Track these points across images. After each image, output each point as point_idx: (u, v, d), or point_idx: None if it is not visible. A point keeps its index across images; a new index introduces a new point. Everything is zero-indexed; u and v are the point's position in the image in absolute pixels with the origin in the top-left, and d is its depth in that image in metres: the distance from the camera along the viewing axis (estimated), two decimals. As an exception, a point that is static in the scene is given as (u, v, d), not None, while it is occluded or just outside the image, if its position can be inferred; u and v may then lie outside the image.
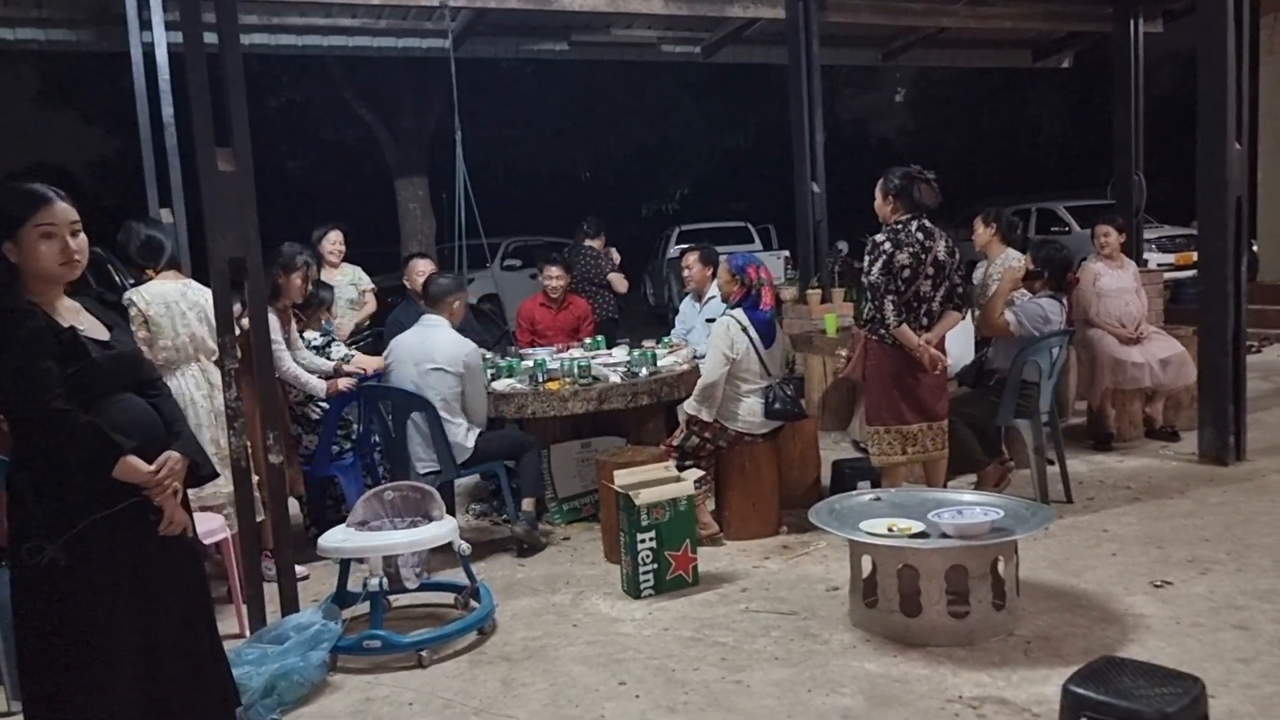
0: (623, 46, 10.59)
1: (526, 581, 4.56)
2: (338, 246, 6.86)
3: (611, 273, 8.17)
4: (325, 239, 6.80)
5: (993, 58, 12.95)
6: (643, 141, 18.53)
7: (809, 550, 4.76)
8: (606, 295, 8.10)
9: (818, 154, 8.70)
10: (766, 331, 4.89)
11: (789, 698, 3.26)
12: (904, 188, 4.64)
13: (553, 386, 5.29)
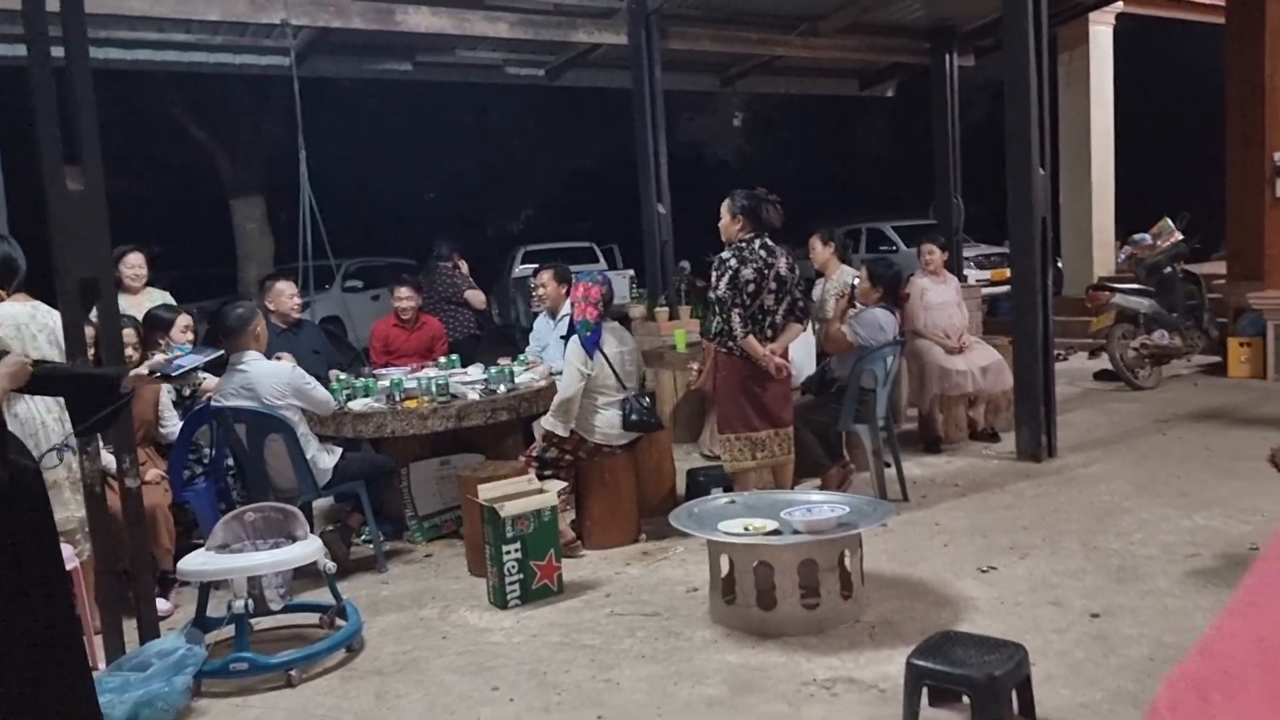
0: (467, 68, 10.67)
1: (392, 598, 4.58)
2: (139, 270, 6.00)
3: (468, 290, 8.22)
4: (123, 261, 5.83)
5: (823, 85, 13.66)
6: (488, 162, 18.59)
7: (668, 555, 4.96)
8: (465, 313, 8.15)
9: (662, 176, 9.01)
10: (583, 342, 5.00)
11: (657, 691, 3.43)
12: (750, 208, 4.92)
13: (411, 405, 5.32)
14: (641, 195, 9.03)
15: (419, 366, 6.43)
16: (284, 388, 4.76)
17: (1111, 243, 12.81)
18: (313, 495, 4.90)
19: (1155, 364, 9.03)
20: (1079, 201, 12.96)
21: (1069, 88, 12.83)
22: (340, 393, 5.48)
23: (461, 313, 8.09)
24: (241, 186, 14.49)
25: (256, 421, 4.76)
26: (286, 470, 4.80)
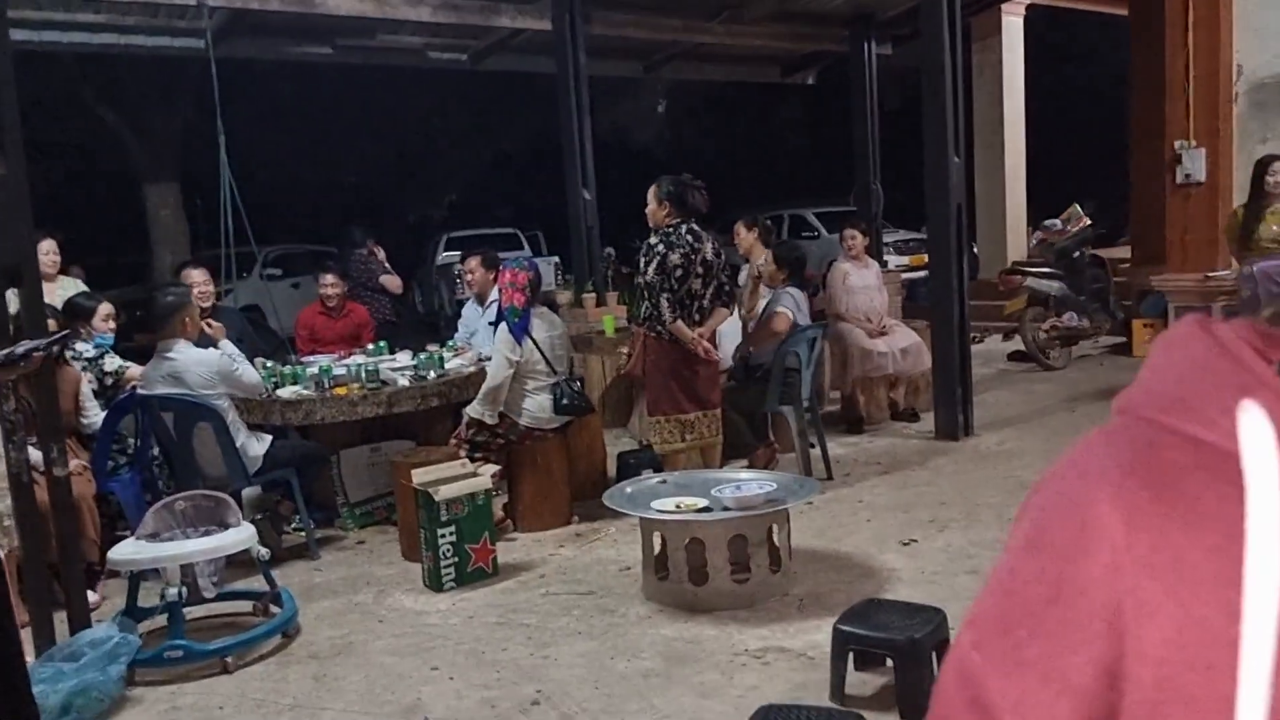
0: (389, 52, 10.56)
1: (326, 585, 4.59)
2: (53, 257, 5.81)
3: (383, 275, 8.18)
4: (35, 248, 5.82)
5: (745, 72, 13.83)
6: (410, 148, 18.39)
7: (600, 536, 5.04)
8: (382, 299, 8.11)
9: (587, 162, 9.04)
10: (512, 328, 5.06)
11: (594, 666, 3.51)
12: (676, 194, 5.01)
13: (341, 391, 5.31)
14: (566, 181, 9.06)
15: (346, 354, 6.40)
16: (212, 376, 4.72)
17: (1024, 228, 13.22)
18: (243, 483, 4.87)
19: (1065, 345, 9.39)
20: (992, 188, 13.34)
21: (982, 77, 13.18)
22: (268, 380, 5.43)
23: (378, 299, 8.06)
24: (154, 171, 14.09)
25: (184, 410, 4.71)
26: (216, 459, 4.76)
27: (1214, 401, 0.55)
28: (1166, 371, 0.59)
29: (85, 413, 4.97)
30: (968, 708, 0.59)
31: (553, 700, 3.29)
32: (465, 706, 3.28)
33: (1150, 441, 0.57)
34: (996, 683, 0.58)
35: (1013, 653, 0.58)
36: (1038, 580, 0.58)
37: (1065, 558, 0.57)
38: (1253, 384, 0.55)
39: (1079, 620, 0.56)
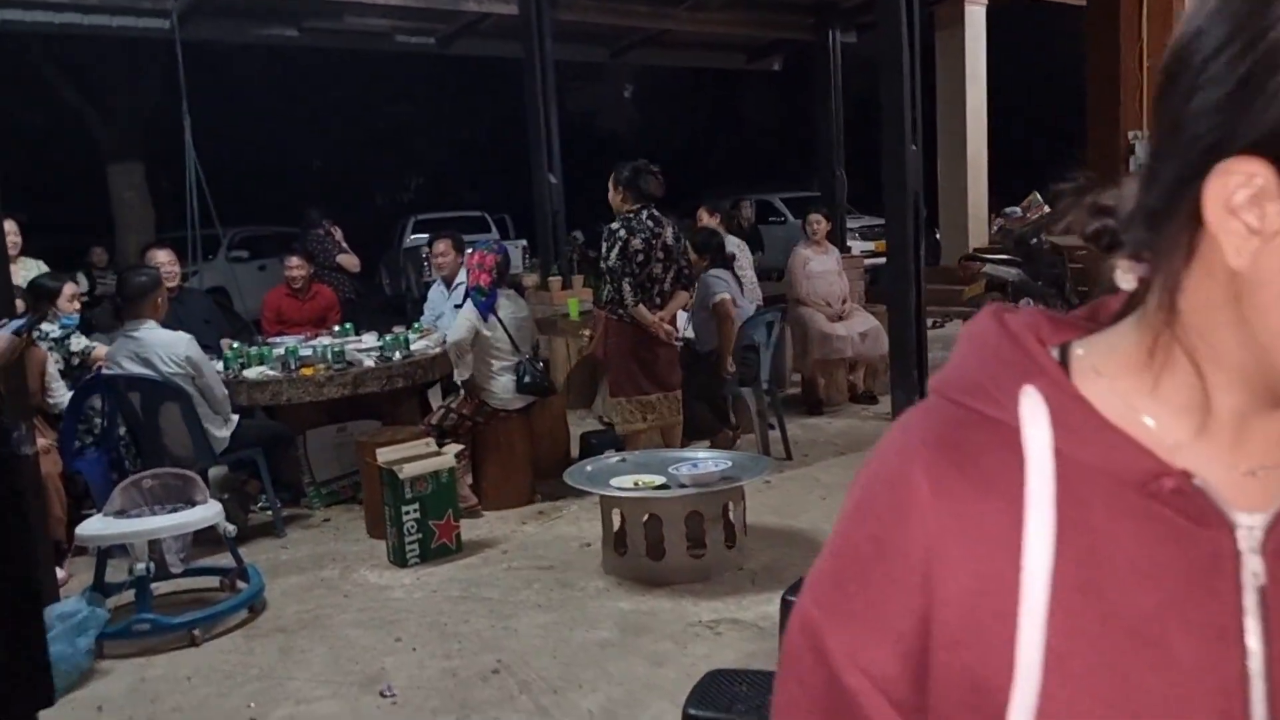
0: (356, 35, 10.57)
1: (292, 561, 4.67)
2: (13, 238, 5.63)
3: (339, 255, 8.23)
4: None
5: (711, 59, 13.93)
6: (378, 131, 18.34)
7: (562, 514, 5.16)
8: (340, 278, 8.16)
9: (554, 146, 9.10)
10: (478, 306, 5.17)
11: (553, 636, 3.64)
12: (632, 179, 5.11)
13: (307, 372, 5.38)
14: (532, 166, 9.12)
15: (312, 335, 6.46)
16: (180, 356, 4.77)
17: (985, 215, 13.41)
18: (209, 463, 4.93)
19: (1021, 330, 9.58)
20: (955, 176, 13.51)
21: (945, 66, 13.33)
22: (235, 361, 5.49)
23: (336, 277, 8.11)
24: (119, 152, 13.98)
25: (151, 389, 4.77)
26: (182, 438, 4.82)
27: (1002, 385, 0.64)
28: (968, 358, 0.67)
29: (51, 393, 5.01)
30: (809, 656, 0.68)
31: (512, 669, 3.41)
32: (427, 676, 3.40)
33: (954, 420, 0.66)
34: (832, 632, 0.67)
35: (845, 605, 0.67)
36: (865, 542, 0.67)
37: (886, 522, 0.66)
38: (1033, 370, 0.64)
39: (899, 576, 0.64)
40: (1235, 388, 0.59)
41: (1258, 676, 0.57)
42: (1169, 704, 0.57)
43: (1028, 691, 0.59)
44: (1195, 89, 0.55)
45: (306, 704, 3.25)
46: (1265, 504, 0.59)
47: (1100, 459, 0.61)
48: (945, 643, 0.62)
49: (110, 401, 4.96)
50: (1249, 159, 0.53)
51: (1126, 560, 0.60)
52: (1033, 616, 0.59)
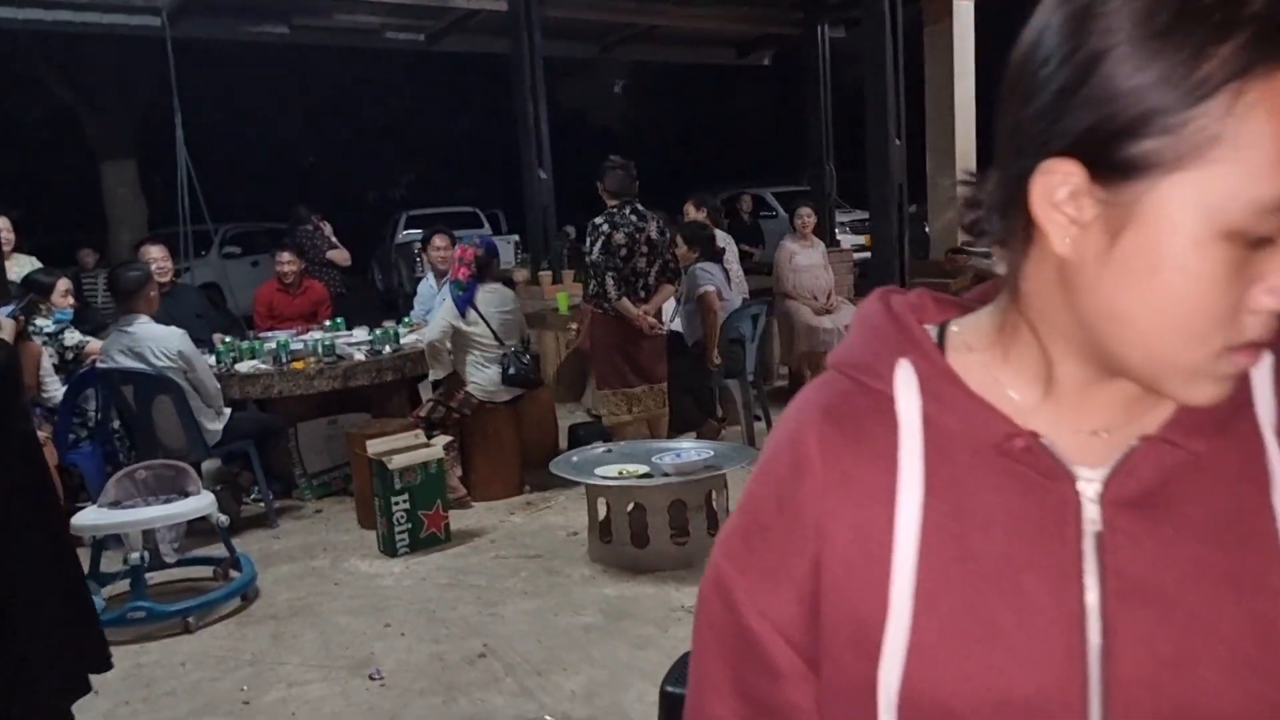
0: (346, 31, 10.62)
1: (284, 551, 4.75)
2: (6, 234, 5.83)
3: (329, 250, 8.31)
4: None
5: (701, 54, 13.98)
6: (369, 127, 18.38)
7: (550, 504, 5.25)
8: (330, 273, 8.24)
9: (543, 142, 9.17)
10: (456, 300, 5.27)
11: (539, 622, 3.73)
12: (602, 175, 5.22)
13: (298, 366, 5.46)
14: (522, 161, 9.19)
15: (303, 330, 6.54)
16: (172, 351, 4.84)
17: (973, 208, 13.46)
18: (202, 455, 5.00)
19: (1007, 322, 9.67)
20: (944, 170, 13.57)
21: (933, 60, 13.40)
22: (227, 355, 5.57)
23: (327, 273, 8.19)
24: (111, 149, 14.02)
25: (144, 383, 4.84)
26: (175, 431, 4.90)
27: (882, 359, 0.73)
28: (857, 336, 0.77)
29: (45, 387, 5.09)
30: (719, 603, 0.77)
31: (498, 653, 3.50)
32: (415, 660, 3.48)
33: (843, 391, 0.75)
34: (738, 582, 0.75)
35: (749, 558, 0.76)
36: (767, 500, 0.76)
37: (785, 483, 0.75)
38: (909, 345, 0.73)
39: (795, 530, 0.73)
40: (1073, 359, 0.68)
41: (1094, 610, 0.65)
42: (1020, 635, 0.66)
43: (900, 626, 0.67)
44: (1028, 95, 0.63)
45: (298, 686, 3.34)
46: (1105, 460, 0.68)
47: (962, 423, 0.70)
48: (833, 587, 0.71)
49: (104, 395, 5.04)
50: (1066, 159, 0.61)
51: (985, 511, 0.68)
52: (905, 562, 0.68)
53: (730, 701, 0.76)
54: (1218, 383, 0.63)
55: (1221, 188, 0.57)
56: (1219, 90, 0.57)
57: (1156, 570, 0.65)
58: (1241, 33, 0.56)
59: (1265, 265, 0.59)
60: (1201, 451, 0.67)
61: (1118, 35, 0.58)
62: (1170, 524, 0.66)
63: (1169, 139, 0.58)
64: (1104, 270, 0.62)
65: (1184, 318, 0.60)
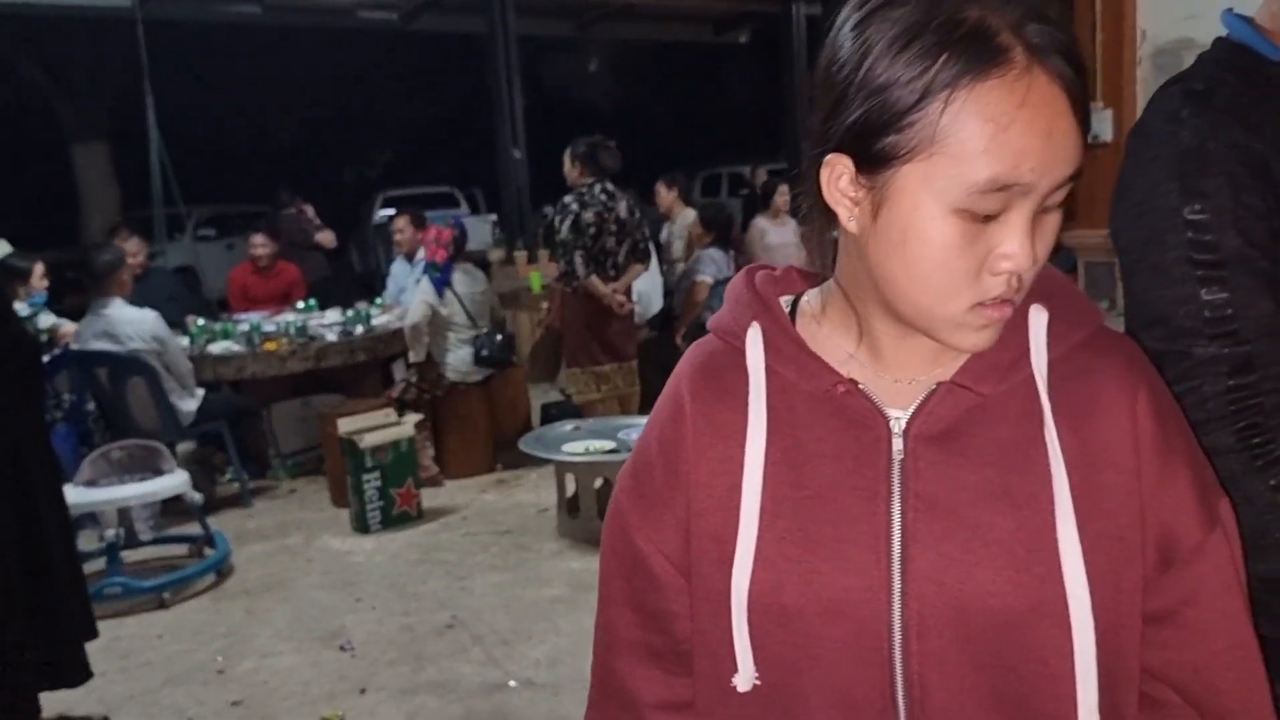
0: (319, 11, 10.60)
1: (258, 530, 4.83)
2: None
3: (317, 233, 8.32)
4: None
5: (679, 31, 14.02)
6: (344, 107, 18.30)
7: (521, 482, 5.34)
8: (316, 255, 8.26)
9: (518, 121, 9.20)
10: (434, 282, 5.34)
11: (506, 594, 3.83)
12: (589, 154, 5.25)
13: (271, 347, 5.52)
14: (497, 141, 9.22)
15: (277, 312, 6.58)
16: (146, 333, 4.89)
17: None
18: (176, 436, 5.06)
19: (979, 298, 9.80)
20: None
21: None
22: (200, 337, 5.62)
23: (312, 256, 8.21)
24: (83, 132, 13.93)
25: (118, 365, 4.89)
26: (149, 412, 4.95)
27: (740, 323, 0.88)
28: (726, 304, 0.91)
29: (19, 370, 5.12)
30: (616, 529, 0.92)
31: (466, 624, 3.59)
32: (385, 631, 3.58)
33: (712, 349, 0.90)
34: (632, 512, 0.91)
35: (639, 490, 0.91)
36: (653, 442, 0.90)
37: (665, 426, 0.90)
38: (760, 311, 0.87)
39: (673, 466, 0.88)
40: (877, 318, 0.83)
41: (896, 523, 0.80)
42: (839, 545, 0.81)
43: (748, 542, 0.82)
44: (820, 99, 0.78)
45: (270, 657, 3.43)
46: (910, 403, 0.83)
47: (798, 374, 0.85)
48: (698, 511, 0.86)
49: (78, 377, 5.08)
50: (842, 154, 0.76)
51: (816, 444, 0.83)
52: (752, 487, 0.83)
53: (626, 611, 0.92)
54: (978, 332, 0.77)
55: (943, 174, 0.71)
56: (936, 96, 0.70)
57: (948, 490, 0.79)
58: (953, 52, 0.70)
59: (996, 237, 0.73)
60: (989, 394, 0.81)
61: (875, 50, 0.73)
62: (961, 453, 0.80)
63: (904, 135, 0.72)
64: (874, 241, 0.76)
65: (931, 277, 0.74)
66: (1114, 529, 0.79)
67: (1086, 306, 0.85)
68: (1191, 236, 1.06)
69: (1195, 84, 1.14)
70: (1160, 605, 0.82)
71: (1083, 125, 0.73)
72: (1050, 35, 0.71)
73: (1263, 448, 1.03)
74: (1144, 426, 0.81)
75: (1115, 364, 0.83)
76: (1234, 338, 1.05)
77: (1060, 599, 0.77)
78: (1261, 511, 1.03)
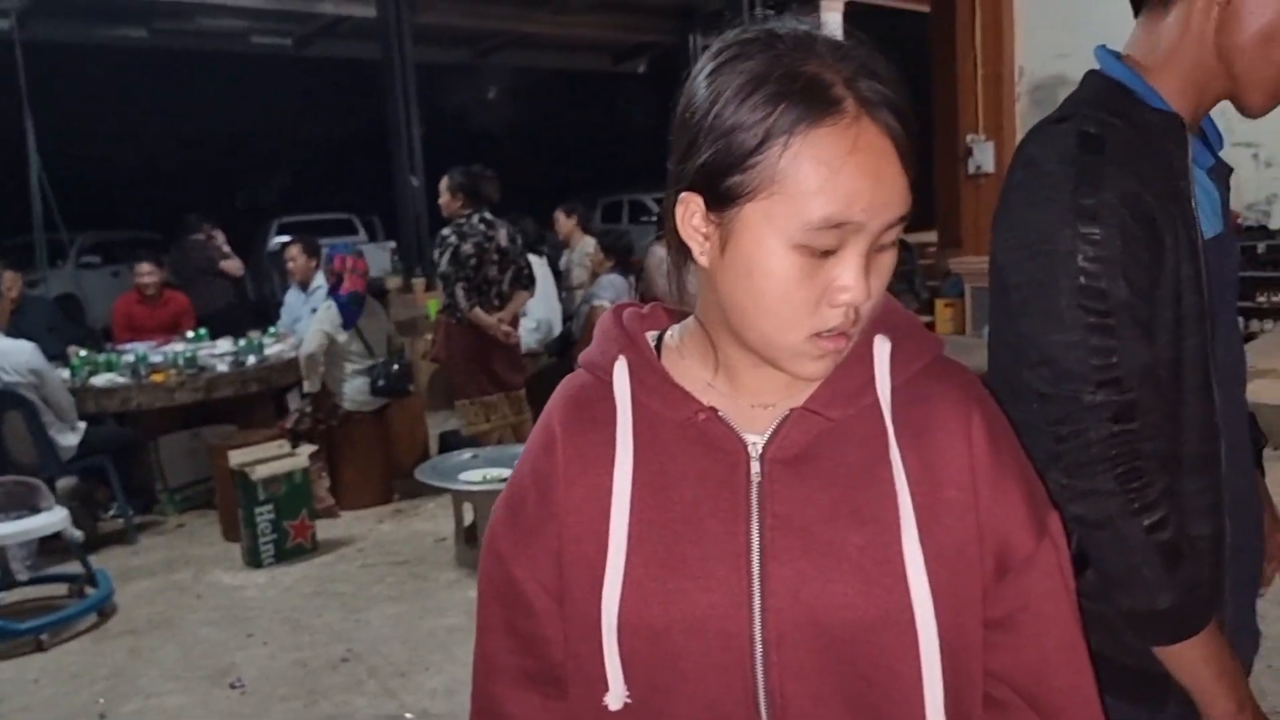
0: (209, 36, 10.41)
1: (144, 566, 4.68)
2: None
3: (223, 260, 8.13)
4: None
5: (577, 61, 14.15)
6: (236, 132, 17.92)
7: (419, 512, 5.29)
8: (223, 283, 8.06)
9: (415, 148, 9.16)
10: (348, 313, 5.30)
11: (403, 625, 3.79)
12: (467, 185, 5.22)
13: (158, 378, 5.37)
14: (394, 168, 9.17)
15: (164, 342, 6.40)
16: (23, 366, 4.72)
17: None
18: (57, 471, 4.88)
19: (874, 324, 10.05)
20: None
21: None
22: (82, 369, 5.43)
23: (218, 283, 8.01)
24: (-43, 155, 13.37)
25: (-8, 399, 4.70)
26: (27, 447, 4.76)
27: (608, 356, 0.92)
28: (596, 339, 0.95)
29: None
30: (492, 558, 0.96)
31: (362, 657, 3.55)
32: (277, 667, 3.51)
33: (582, 382, 0.95)
34: (507, 542, 0.95)
35: (512, 520, 0.95)
36: (527, 474, 0.94)
37: (538, 456, 0.93)
38: (627, 346, 0.92)
39: (546, 495, 0.92)
40: (731, 347, 0.88)
41: (755, 542, 0.85)
42: (702, 565, 0.85)
43: (616, 565, 0.86)
44: (674, 141, 0.84)
45: (156, 698, 3.33)
46: (767, 428, 0.88)
47: (662, 404, 0.90)
48: (570, 539, 0.90)
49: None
50: (693, 193, 0.82)
51: (680, 470, 0.88)
52: (619, 513, 0.87)
53: (503, 638, 0.95)
54: (815, 361, 0.83)
55: (783, 212, 0.77)
56: (776, 140, 0.76)
57: (802, 510, 0.85)
58: (791, 101, 0.76)
59: (833, 272, 0.79)
60: (838, 419, 0.87)
61: (724, 97, 0.79)
62: (814, 475, 0.86)
63: (747, 175, 0.78)
64: (722, 274, 0.82)
65: (773, 308, 0.80)
66: (954, 542, 0.85)
67: (926, 337, 0.92)
68: (1084, 283, 1.09)
69: (1088, 126, 1.15)
70: (998, 612, 0.88)
71: (909, 173, 0.79)
72: (880, 91, 0.78)
73: (1139, 491, 1.09)
74: (978, 446, 0.87)
75: (952, 390, 0.90)
76: (1118, 385, 1.09)
77: (907, 609, 0.83)
78: (1134, 550, 1.09)
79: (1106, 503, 1.09)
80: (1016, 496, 0.88)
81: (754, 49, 0.80)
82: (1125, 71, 1.21)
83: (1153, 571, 1.08)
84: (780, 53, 0.78)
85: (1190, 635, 1.10)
